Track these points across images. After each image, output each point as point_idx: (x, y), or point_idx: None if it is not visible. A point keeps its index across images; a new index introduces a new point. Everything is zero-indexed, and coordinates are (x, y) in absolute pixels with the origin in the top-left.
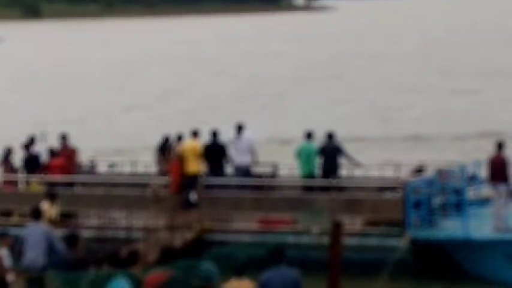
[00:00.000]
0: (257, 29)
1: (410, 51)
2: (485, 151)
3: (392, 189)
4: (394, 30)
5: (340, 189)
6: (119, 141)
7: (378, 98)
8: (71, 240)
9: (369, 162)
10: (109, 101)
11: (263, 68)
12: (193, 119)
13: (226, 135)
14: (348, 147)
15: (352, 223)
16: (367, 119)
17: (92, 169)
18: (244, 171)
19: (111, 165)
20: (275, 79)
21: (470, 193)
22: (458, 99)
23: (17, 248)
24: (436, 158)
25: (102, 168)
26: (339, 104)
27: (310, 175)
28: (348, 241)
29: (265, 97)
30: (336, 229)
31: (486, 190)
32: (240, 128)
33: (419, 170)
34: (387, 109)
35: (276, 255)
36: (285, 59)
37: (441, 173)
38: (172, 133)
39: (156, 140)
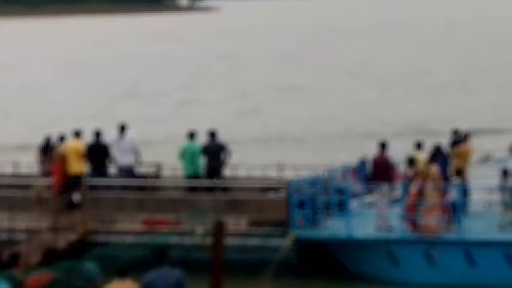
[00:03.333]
0: (136, 29)
1: (286, 52)
2: (362, 151)
3: (276, 189)
4: (275, 31)
5: (225, 189)
6: None
7: (257, 97)
8: None
9: (252, 162)
10: None
11: (140, 69)
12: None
13: (109, 136)
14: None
15: (237, 223)
16: (247, 119)
17: None
18: (127, 172)
19: None
20: (155, 79)
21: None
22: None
23: None
24: (317, 158)
25: None
26: (223, 103)
27: (194, 175)
28: (232, 241)
29: (145, 97)
30: (218, 229)
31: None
32: (122, 128)
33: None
34: (264, 109)
35: (159, 256)
36: (162, 58)
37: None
38: (54, 133)
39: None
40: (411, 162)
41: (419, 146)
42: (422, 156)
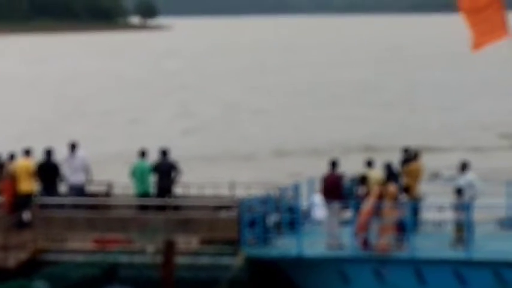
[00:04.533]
0: (86, 47)
1: (237, 70)
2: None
3: (227, 207)
4: (226, 49)
5: (176, 208)
6: None
7: (205, 115)
8: None
9: (204, 180)
10: None
11: (88, 87)
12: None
13: (60, 154)
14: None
15: (188, 242)
16: (194, 137)
17: None
18: (78, 190)
19: None
20: (104, 98)
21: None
22: (289, 115)
23: None
24: (266, 176)
25: None
26: (171, 121)
27: (144, 194)
28: (183, 260)
29: (93, 115)
30: (169, 248)
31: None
32: (73, 147)
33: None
34: (212, 127)
35: (109, 274)
36: (110, 77)
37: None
38: (4, 152)
39: None
40: (363, 180)
41: (370, 164)
42: (374, 174)
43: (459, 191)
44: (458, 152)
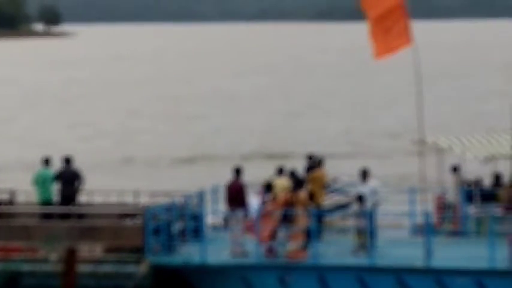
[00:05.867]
0: None
1: (142, 79)
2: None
3: (132, 215)
4: (129, 57)
5: (80, 216)
6: None
7: (109, 122)
8: None
9: (109, 188)
10: None
11: None
12: None
13: None
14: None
15: (92, 250)
16: (94, 144)
17: None
18: None
19: None
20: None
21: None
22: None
23: None
24: (168, 184)
25: None
26: (74, 127)
27: (47, 202)
28: (87, 268)
29: None
30: (70, 256)
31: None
32: None
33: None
34: (112, 134)
35: (11, 283)
36: (12, 84)
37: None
38: None
39: None
40: (268, 187)
41: (281, 171)
42: (280, 181)
43: (360, 198)
44: (359, 159)
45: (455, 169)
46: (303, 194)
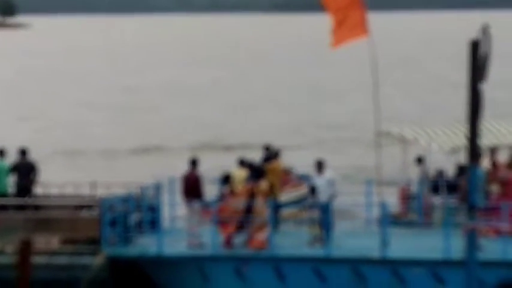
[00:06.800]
0: None
1: (95, 70)
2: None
3: (88, 207)
4: (82, 49)
5: (36, 207)
6: None
7: (62, 114)
8: None
9: (65, 180)
10: None
11: None
12: None
13: None
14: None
15: (48, 242)
16: (44, 135)
17: None
18: None
19: None
20: None
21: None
22: (141, 115)
23: None
24: (124, 175)
25: None
26: (26, 119)
27: (2, 194)
28: (42, 260)
29: None
30: (25, 248)
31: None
32: None
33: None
34: (62, 126)
35: None
36: None
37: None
38: None
39: None
40: (226, 179)
41: (242, 163)
42: (238, 173)
43: (313, 190)
44: (313, 150)
45: (419, 160)
46: (264, 184)
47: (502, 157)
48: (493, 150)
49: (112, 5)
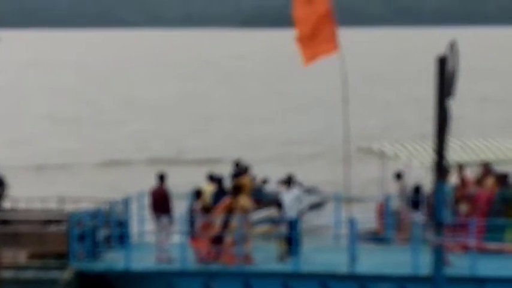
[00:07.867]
0: None
1: (68, 84)
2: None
3: (57, 222)
4: (50, 63)
5: (4, 222)
6: None
7: (27, 128)
8: None
9: (32, 194)
10: None
11: None
12: None
13: None
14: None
15: (16, 256)
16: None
17: None
18: None
19: None
20: None
21: None
22: (106, 129)
23: None
24: (90, 189)
25: None
26: None
27: None
28: (10, 274)
29: None
30: None
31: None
32: None
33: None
34: (32, 140)
35: None
36: None
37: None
38: None
39: None
40: (198, 194)
41: (212, 178)
42: (210, 188)
43: (279, 205)
44: (281, 166)
45: (398, 176)
46: (243, 200)
47: (470, 174)
48: (461, 167)
49: (81, 19)
